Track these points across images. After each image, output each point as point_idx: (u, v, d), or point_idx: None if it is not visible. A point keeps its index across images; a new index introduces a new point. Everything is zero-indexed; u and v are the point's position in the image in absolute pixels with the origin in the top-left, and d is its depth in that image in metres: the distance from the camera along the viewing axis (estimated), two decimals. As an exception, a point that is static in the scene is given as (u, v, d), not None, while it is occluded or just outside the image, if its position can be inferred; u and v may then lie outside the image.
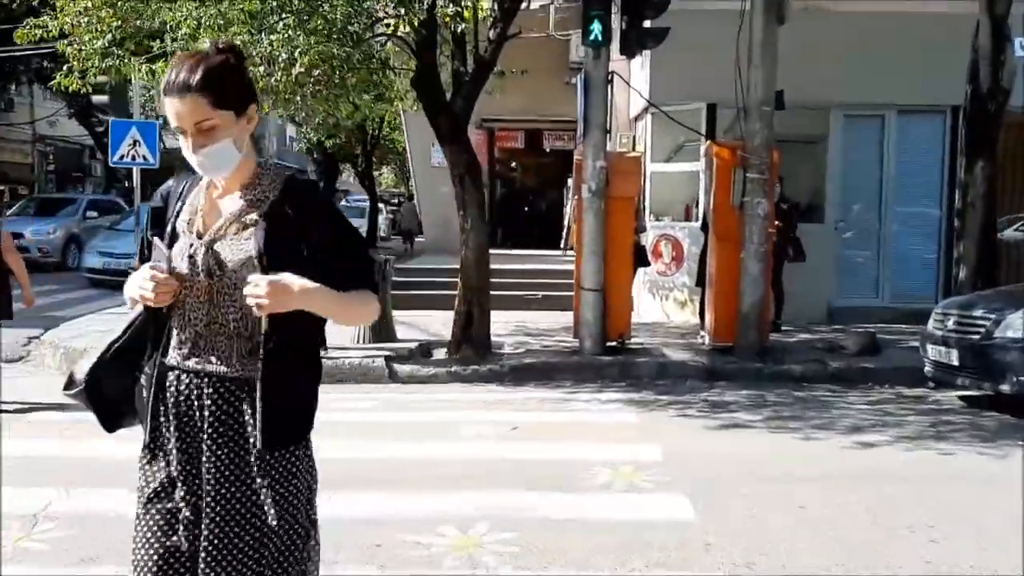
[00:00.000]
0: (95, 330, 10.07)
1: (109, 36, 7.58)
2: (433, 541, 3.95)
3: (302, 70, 6.95)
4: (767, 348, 8.65)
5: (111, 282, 14.70)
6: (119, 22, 7.63)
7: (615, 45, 8.65)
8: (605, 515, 4.32)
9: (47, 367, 9.02)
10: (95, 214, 19.76)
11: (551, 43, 14.78)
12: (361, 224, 30.80)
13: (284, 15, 7.04)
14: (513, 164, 24.54)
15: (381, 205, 35.05)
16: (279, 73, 6.92)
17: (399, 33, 8.17)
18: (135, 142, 12.02)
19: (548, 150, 21.71)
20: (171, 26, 7.22)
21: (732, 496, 4.61)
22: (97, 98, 11.37)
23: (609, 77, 8.61)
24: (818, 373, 8.28)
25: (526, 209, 23.96)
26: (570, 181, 20.70)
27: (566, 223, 17.73)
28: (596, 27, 8.04)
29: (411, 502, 4.47)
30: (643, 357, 8.66)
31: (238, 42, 6.21)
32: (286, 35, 6.92)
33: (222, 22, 6.93)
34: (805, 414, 6.75)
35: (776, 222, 8.98)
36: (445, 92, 8.60)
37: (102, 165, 33.01)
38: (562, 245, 17.50)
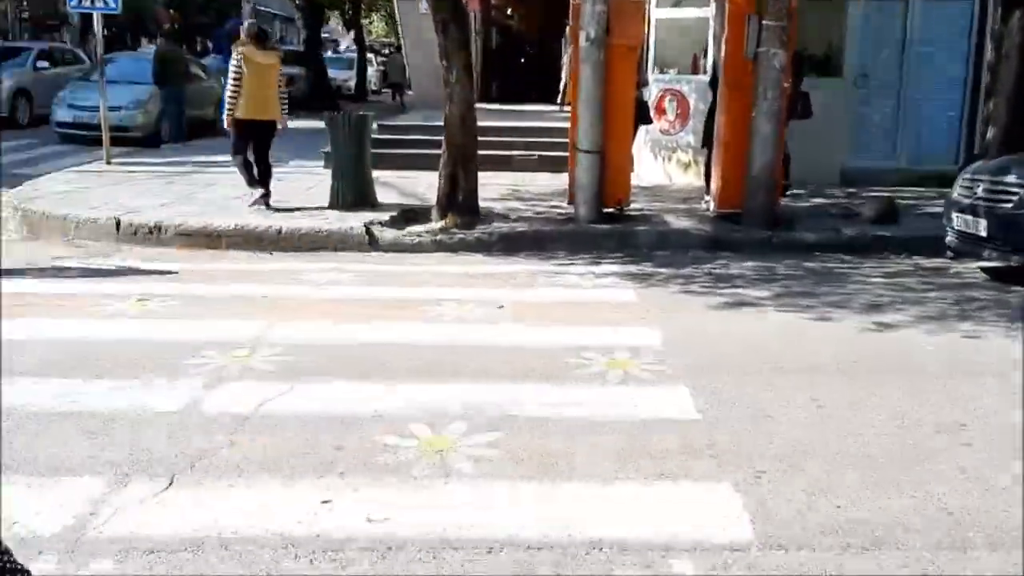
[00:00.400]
0: (55, 191, 9.42)
1: None
2: (401, 444, 3.48)
3: None
4: (777, 215, 8.04)
5: (83, 136, 13.91)
6: None
7: None
8: (597, 412, 3.83)
9: (8, 232, 8.42)
10: (46, 64, 18.29)
11: None
12: (349, 76, 29.55)
13: None
14: (509, 11, 23.09)
15: (371, 56, 33.50)
16: None
17: None
18: (95, -18, 10.97)
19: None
20: None
21: (739, 389, 4.13)
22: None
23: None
24: (831, 241, 7.72)
25: (522, 61, 22.73)
26: (568, 30, 19.49)
27: (563, 76, 16.69)
28: None
29: (382, 395, 3.98)
30: (642, 225, 8.06)
31: None
32: None
33: None
34: (818, 289, 6.23)
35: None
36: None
37: (79, 13, 31.27)
38: (559, 101, 16.54)
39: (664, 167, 10.77)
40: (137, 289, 5.85)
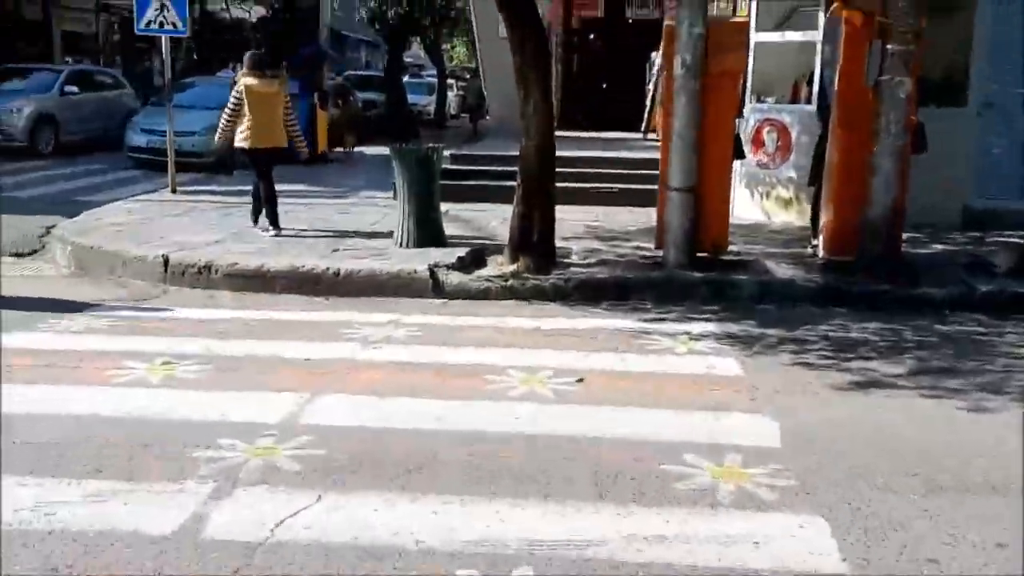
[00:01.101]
0: (113, 223, 8.96)
1: None
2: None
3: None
4: (898, 266, 6.99)
5: (156, 162, 13.59)
6: None
7: None
8: (708, 557, 2.91)
9: (57, 264, 7.96)
10: (75, 88, 16.63)
11: None
12: (429, 102, 29.20)
13: None
14: (591, 35, 22.30)
15: (451, 81, 33.16)
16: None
17: None
18: (162, 6, 10.61)
19: (630, 20, 19.44)
20: None
21: (888, 517, 3.18)
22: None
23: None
24: (964, 299, 6.63)
25: (603, 86, 21.90)
26: (654, 56, 18.59)
27: (648, 104, 15.80)
28: None
29: (427, 516, 3.15)
30: (741, 273, 7.10)
31: None
32: None
33: None
34: (961, 365, 5.18)
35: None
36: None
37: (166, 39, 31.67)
38: (643, 129, 15.65)
39: (761, 204, 9.76)
40: (167, 346, 5.17)
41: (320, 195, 11.50)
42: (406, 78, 27.84)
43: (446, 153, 10.59)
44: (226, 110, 8.21)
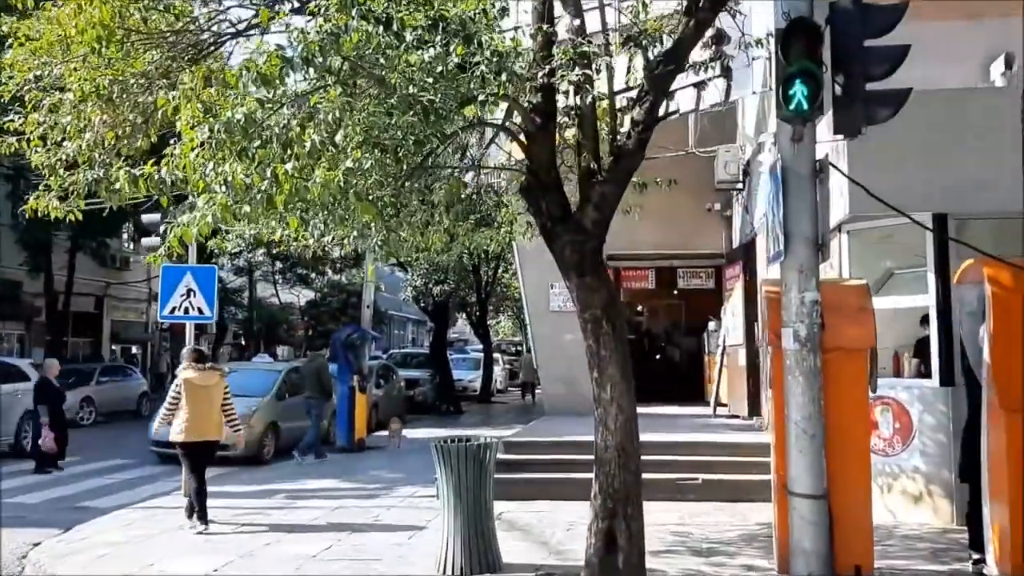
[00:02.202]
0: (104, 542, 7.49)
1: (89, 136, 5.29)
2: None
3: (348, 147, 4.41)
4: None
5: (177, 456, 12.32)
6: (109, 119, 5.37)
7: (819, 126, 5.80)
8: None
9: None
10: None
11: (689, 162, 12.07)
12: (475, 377, 28.38)
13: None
14: (640, 307, 21.63)
15: (498, 356, 32.57)
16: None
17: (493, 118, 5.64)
18: (189, 291, 9.85)
19: (682, 289, 18.63)
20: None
21: None
22: (148, 242, 9.29)
23: (819, 167, 5.72)
24: None
25: (657, 358, 20.83)
26: (711, 325, 17.63)
27: (716, 378, 14.49)
28: (800, 89, 5.21)
29: None
30: (902, 610, 5.30)
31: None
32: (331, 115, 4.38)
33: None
34: None
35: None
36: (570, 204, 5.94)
37: (215, 321, 31.96)
38: (711, 405, 14.21)
39: (883, 500, 8.00)
40: None
41: (350, 494, 9.97)
42: (451, 354, 27.24)
43: (499, 447, 9.18)
44: (165, 405, 8.28)
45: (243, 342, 35.54)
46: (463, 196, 7.07)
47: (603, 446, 5.66)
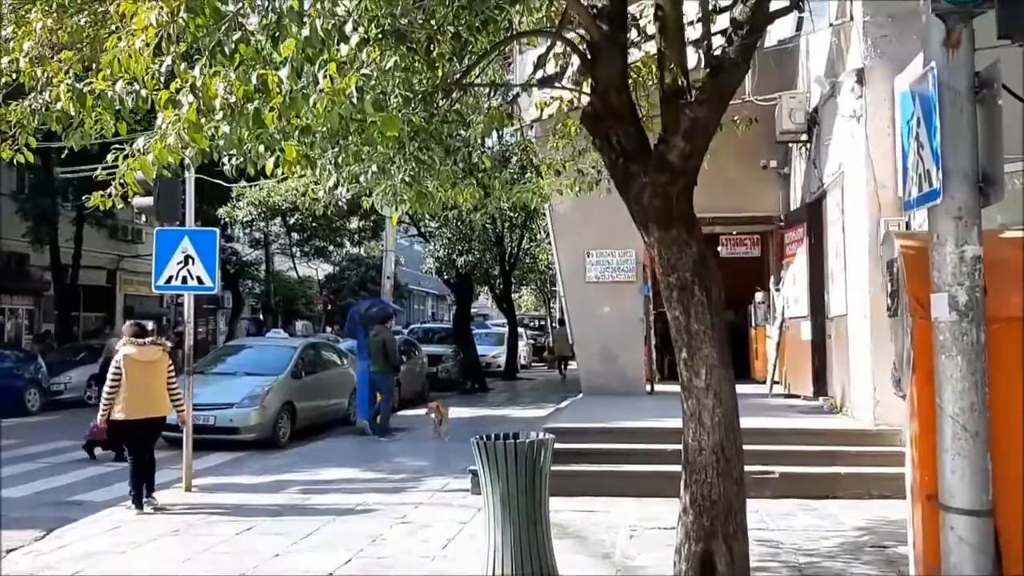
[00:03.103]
0: (85, 551, 6.34)
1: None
2: None
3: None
4: None
5: (195, 440, 11.13)
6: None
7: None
8: None
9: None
10: None
11: (738, 113, 10.67)
12: (499, 353, 27.15)
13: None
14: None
15: (521, 330, 31.29)
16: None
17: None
18: (187, 258, 8.63)
19: (724, 258, 17.20)
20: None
21: None
22: (139, 201, 8.14)
23: (982, 81, 4.38)
24: None
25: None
26: (759, 296, 16.25)
27: (773, 355, 13.15)
28: (965, -28, 3.90)
29: None
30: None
31: None
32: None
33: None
34: None
35: None
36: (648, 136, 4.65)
37: (232, 295, 30.93)
38: (768, 384, 12.89)
39: None
40: None
41: (372, 487, 8.74)
42: (473, 328, 26.01)
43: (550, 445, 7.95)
44: (107, 385, 7.84)
45: (261, 316, 34.50)
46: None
47: (696, 447, 4.40)
